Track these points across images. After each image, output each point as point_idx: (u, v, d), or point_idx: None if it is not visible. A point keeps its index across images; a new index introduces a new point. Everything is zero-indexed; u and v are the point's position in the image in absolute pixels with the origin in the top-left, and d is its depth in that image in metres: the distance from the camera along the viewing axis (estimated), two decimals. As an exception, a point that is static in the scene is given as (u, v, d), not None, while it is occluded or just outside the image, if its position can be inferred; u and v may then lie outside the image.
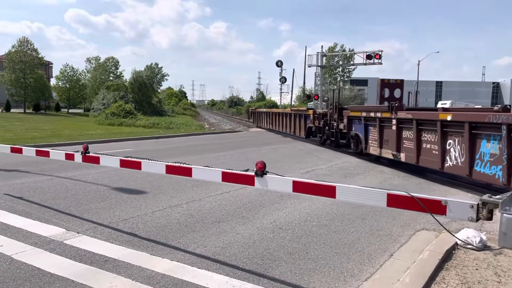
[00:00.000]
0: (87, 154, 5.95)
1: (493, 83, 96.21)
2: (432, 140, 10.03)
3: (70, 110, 62.06)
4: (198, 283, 4.17)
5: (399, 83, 19.11)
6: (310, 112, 20.64)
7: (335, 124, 16.96)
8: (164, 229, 5.96)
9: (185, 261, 4.76)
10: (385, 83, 18.55)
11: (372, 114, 13.17)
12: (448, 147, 9.42)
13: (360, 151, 14.56)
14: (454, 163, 9.16)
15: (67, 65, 60.84)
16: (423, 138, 10.46)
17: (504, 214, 2.49)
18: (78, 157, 6.07)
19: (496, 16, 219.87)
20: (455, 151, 9.12)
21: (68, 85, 60.35)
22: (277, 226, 6.27)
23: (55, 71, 68.07)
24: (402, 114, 11.32)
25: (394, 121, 11.70)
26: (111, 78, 66.71)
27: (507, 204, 2.61)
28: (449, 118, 9.26)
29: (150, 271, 4.45)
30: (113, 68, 69.58)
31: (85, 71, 68.72)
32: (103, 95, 47.26)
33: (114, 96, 45.85)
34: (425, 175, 11.21)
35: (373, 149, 13.34)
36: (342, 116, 16.07)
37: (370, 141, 13.65)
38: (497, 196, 2.79)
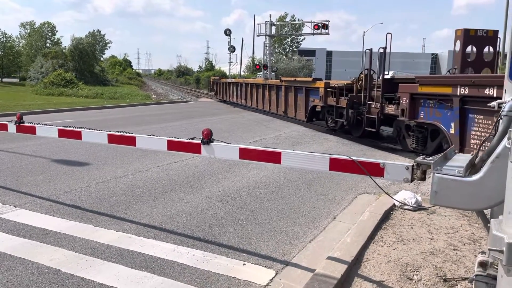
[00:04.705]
0: (21, 124, 5.57)
1: (432, 54, 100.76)
2: None
3: (4, 80, 57.78)
4: (145, 252, 4.13)
5: (492, 36, 11.11)
6: (320, 84, 13.98)
7: (373, 106, 10.92)
8: (109, 201, 5.81)
9: (131, 232, 4.69)
10: (470, 36, 10.74)
11: (490, 92, 7.13)
12: None
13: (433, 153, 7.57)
14: None
15: (-2, 30, 56.17)
16: None
17: (436, 174, 2.64)
18: (11, 127, 5.66)
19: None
20: None
21: (0, 52, 55.90)
22: (225, 194, 6.31)
23: (-15, 37, 62.57)
24: None
25: None
26: (48, 45, 62.51)
27: (438, 165, 2.76)
28: None
29: (95, 242, 4.35)
30: (50, 34, 65.17)
31: (19, 37, 63.90)
32: (41, 63, 44.28)
33: (52, 64, 43.09)
34: (369, 142, 11.66)
35: None
36: (395, 94, 10.18)
37: (472, 141, 7.80)
38: (430, 158, 2.95)
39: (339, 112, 12.92)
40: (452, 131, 8.17)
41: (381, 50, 10.55)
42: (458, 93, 7.87)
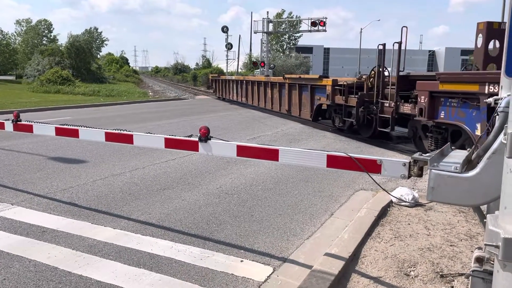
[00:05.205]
0: (18, 122, 5.54)
1: (429, 51, 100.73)
2: None
3: (0, 77, 57.53)
4: (142, 249, 4.13)
5: None
6: (327, 82, 13.18)
7: (387, 105, 10.20)
8: (106, 198, 5.80)
9: (129, 229, 4.68)
10: (494, 30, 9.65)
11: None
12: None
13: None
14: None
15: (-6, 28, 55.89)
16: None
17: (433, 170, 2.65)
18: (8, 126, 5.63)
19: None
20: None
21: (-4, 50, 55.66)
22: (223, 191, 6.31)
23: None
24: None
25: None
26: (44, 42, 62.26)
27: (435, 161, 2.77)
28: None
29: (92, 239, 4.34)
30: (46, 31, 64.93)
31: (15, 34, 63.67)
32: (37, 60, 44.07)
33: (49, 61, 42.88)
34: (365, 139, 11.68)
35: None
36: (410, 92, 9.61)
37: None
38: (427, 154, 2.96)
39: (347, 111, 12.18)
40: (478, 132, 7.49)
41: (396, 46, 9.84)
42: (486, 91, 7.14)
